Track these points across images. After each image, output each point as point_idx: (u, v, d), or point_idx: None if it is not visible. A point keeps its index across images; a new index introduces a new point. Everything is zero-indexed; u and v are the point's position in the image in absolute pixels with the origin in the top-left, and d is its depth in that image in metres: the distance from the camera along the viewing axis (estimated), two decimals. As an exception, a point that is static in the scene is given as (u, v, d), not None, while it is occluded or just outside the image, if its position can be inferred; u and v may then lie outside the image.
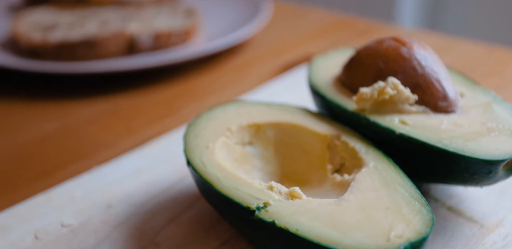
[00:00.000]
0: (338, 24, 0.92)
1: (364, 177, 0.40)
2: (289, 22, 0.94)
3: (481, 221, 0.44)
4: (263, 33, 0.89)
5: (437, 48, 0.80)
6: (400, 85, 0.44)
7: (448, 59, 0.77)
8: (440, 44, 0.82)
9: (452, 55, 0.79)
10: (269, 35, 0.89)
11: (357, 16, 0.95)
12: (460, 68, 0.74)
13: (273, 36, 0.88)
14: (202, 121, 0.47)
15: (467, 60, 0.77)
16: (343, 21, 0.93)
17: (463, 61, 0.77)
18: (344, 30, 0.89)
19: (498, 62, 0.76)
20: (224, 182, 0.40)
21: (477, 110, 0.45)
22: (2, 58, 0.75)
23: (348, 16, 0.95)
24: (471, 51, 0.80)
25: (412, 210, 0.37)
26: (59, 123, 0.66)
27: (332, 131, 0.46)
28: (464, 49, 0.80)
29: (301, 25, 0.92)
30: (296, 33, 0.89)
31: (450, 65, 0.75)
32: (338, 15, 0.95)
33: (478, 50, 0.79)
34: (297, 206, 0.38)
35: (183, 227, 0.45)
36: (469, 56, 0.78)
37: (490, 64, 0.75)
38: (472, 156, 0.40)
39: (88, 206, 0.47)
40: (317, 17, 0.95)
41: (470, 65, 0.76)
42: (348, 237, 0.35)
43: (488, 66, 0.75)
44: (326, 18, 0.95)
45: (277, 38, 0.88)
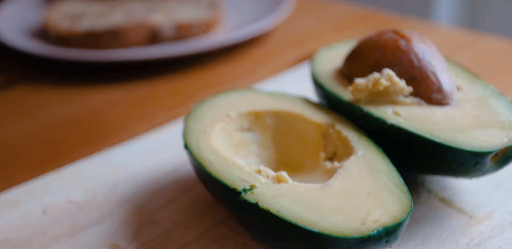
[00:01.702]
0: (359, 18, 0.92)
1: (352, 165, 0.42)
2: (310, 14, 0.95)
3: (471, 213, 0.45)
4: (284, 25, 0.90)
5: (459, 43, 0.80)
6: (395, 76, 0.45)
7: (470, 54, 0.77)
8: (462, 39, 0.82)
9: (474, 50, 0.79)
10: (290, 27, 0.90)
11: (384, 10, 0.95)
12: (481, 62, 0.74)
13: (294, 28, 0.90)
14: (204, 106, 0.49)
15: (489, 55, 0.77)
16: (365, 15, 0.93)
17: (485, 56, 0.77)
18: (365, 24, 0.90)
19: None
20: (216, 165, 0.42)
21: (472, 103, 0.45)
22: (32, 45, 0.78)
23: (370, 10, 0.95)
24: (494, 46, 0.79)
25: (392, 197, 0.38)
26: (78, 107, 0.69)
27: (328, 120, 0.47)
28: (487, 44, 0.80)
29: (323, 18, 0.93)
30: (317, 26, 0.90)
31: (471, 60, 0.75)
32: (360, 8, 0.96)
33: (501, 45, 0.79)
34: (282, 189, 0.40)
35: (181, 208, 0.47)
36: (491, 51, 0.78)
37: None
38: (459, 147, 0.41)
39: (95, 184, 0.50)
40: (339, 10, 0.96)
41: (492, 60, 0.76)
42: (325, 220, 0.36)
43: (507, 62, 0.75)
44: (348, 11, 0.95)
45: (297, 30, 0.89)
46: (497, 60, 0.76)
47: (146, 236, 0.44)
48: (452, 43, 0.82)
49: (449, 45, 0.81)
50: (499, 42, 0.80)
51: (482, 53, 0.78)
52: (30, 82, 0.76)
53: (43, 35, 0.83)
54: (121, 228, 0.45)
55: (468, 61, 0.76)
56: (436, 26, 0.87)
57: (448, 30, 0.86)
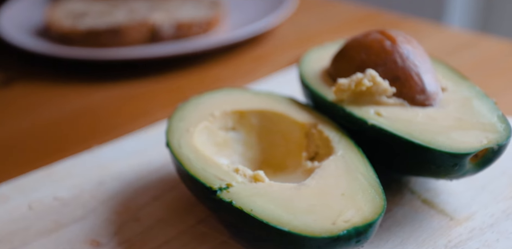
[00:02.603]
0: (363, 17, 0.92)
1: (330, 165, 0.42)
2: (312, 14, 0.95)
3: (452, 214, 0.45)
4: (286, 25, 0.90)
5: (461, 43, 0.80)
6: (378, 77, 0.45)
7: (472, 54, 0.77)
8: (465, 40, 0.81)
9: (476, 50, 0.78)
10: (292, 26, 0.90)
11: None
12: (483, 63, 0.74)
13: (295, 27, 0.90)
14: (189, 106, 0.49)
15: (491, 56, 0.76)
16: (367, 15, 0.93)
17: (487, 56, 0.76)
18: (367, 24, 0.90)
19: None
20: (194, 163, 0.42)
21: (456, 105, 0.45)
22: (33, 42, 0.80)
23: (373, 10, 0.95)
24: (497, 47, 0.79)
25: (366, 198, 0.38)
26: (76, 105, 0.70)
27: (311, 120, 0.47)
28: (490, 45, 0.79)
29: (325, 17, 0.93)
30: (319, 25, 0.90)
31: (473, 61, 0.75)
32: (362, 8, 0.96)
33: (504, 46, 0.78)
34: (258, 188, 0.40)
35: (165, 205, 0.48)
36: (494, 52, 0.77)
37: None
38: (438, 148, 0.41)
39: (82, 181, 0.51)
40: (341, 10, 0.96)
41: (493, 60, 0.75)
42: (297, 219, 0.37)
43: (508, 63, 0.74)
44: (350, 11, 0.95)
45: (299, 29, 0.89)
46: (498, 61, 0.75)
47: (128, 233, 0.45)
48: (454, 43, 0.81)
49: (451, 46, 0.80)
50: (501, 43, 0.80)
51: (484, 54, 0.77)
52: (30, 79, 0.77)
53: (45, 34, 0.84)
54: (104, 225, 0.46)
55: (469, 62, 0.75)
56: (439, 26, 0.87)
57: (450, 31, 0.85)
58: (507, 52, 0.77)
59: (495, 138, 0.41)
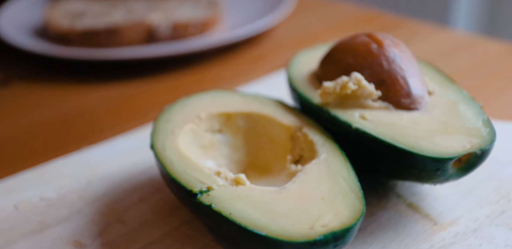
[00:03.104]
0: (362, 18, 0.92)
1: (312, 168, 0.42)
2: (312, 14, 0.94)
3: (436, 219, 0.45)
4: (284, 25, 0.90)
5: (459, 45, 0.79)
6: (363, 80, 0.45)
7: (469, 56, 0.76)
8: (463, 41, 0.81)
9: (474, 52, 0.78)
10: (290, 27, 0.90)
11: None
12: (480, 64, 0.73)
13: (294, 28, 0.90)
14: (176, 107, 0.49)
15: (489, 57, 0.76)
16: (368, 15, 0.93)
17: (484, 58, 0.76)
18: (368, 25, 0.89)
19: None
20: (177, 165, 0.42)
21: (441, 109, 0.45)
22: (30, 42, 0.80)
23: (373, 11, 0.94)
24: (494, 48, 0.78)
25: (346, 202, 0.38)
26: (73, 105, 0.70)
27: (297, 123, 0.47)
28: (487, 46, 0.79)
29: (325, 18, 0.93)
30: (318, 26, 0.90)
31: (470, 62, 0.74)
32: (362, 9, 0.95)
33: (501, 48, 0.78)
34: (238, 192, 0.40)
35: (150, 207, 0.48)
36: (491, 53, 0.77)
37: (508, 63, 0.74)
38: (419, 153, 0.41)
39: (69, 182, 0.51)
40: (342, 10, 0.95)
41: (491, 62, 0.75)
42: (275, 223, 0.37)
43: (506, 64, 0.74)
44: (351, 11, 0.95)
45: (297, 30, 0.89)
46: (497, 62, 0.75)
47: (112, 235, 0.45)
48: (453, 45, 0.81)
49: (450, 47, 0.80)
50: (501, 44, 0.79)
51: (483, 55, 0.77)
52: (28, 79, 0.77)
53: (44, 33, 0.85)
54: (88, 226, 0.46)
55: (468, 63, 0.75)
56: (438, 27, 0.86)
57: (450, 32, 0.85)
58: (506, 54, 0.77)
59: (478, 142, 0.41)
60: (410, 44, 0.81)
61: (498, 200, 0.46)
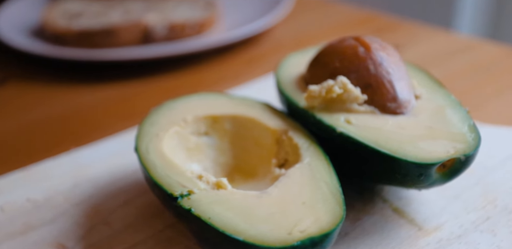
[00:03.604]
0: (360, 20, 0.91)
1: (295, 172, 0.42)
2: (310, 15, 0.94)
3: (421, 224, 0.44)
4: (283, 26, 0.90)
5: (457, 47, 0.79)
6: (349, 84, 0.45)
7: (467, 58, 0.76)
8: (460, 44, 0.80)
9: (472, 54, 0.77)
10: (289, 28, 0.90)
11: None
12: (478, 67, 0.73)
13: (292, 29, 0.89)
14: (162, 110, 0.49)
15: (486, 60, 0.75)
16: (366, 17, 0.92)
17: (482, 60, 0.75)
18: (365, 26, 0.89)
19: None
20: (159, 169, 0.42)
21: (428, 113, 0.45)
22: (27, 43, 0.80)
23: (371, 12, 0.94)
24: (492, 51, 0.77)
25: (326, 207, 0.38)
26: (68, 105, 0.70)
27: (282, 127, 0.47)
28: (485, 49, 0.78)
29: (323, 19, 0.92)
30: (317, 27, 0.90)
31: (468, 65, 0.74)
32: (361, 10, 0.95)
33: (499, 51, 0.77)
34: (219, 196, 0.40)
35: (135, 210, 0.48)
36: (489, 56, 0.76)
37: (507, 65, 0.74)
38: (402, 158, 0.40)
39: (57, 183, 0.51)
40: (339, 11, 0.95)
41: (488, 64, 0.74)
42: (253, 228, 0.36)
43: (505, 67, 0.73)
44: (349, 12, 0.94)
45: (296, 31, 0.89)
46: (495, 65, 0.74)
47: (95, 237, 0.45)
48: (451, 47, 0.80)
49: (448, 49, 0.79)
50: (498, 47, 0.78)
51: (480, 58, 0.76)
52: (24, 79, 0.78)
53: (41, 34, 0.85)
54: (72, 228, 0.46)
55: (465, 66, 0.74)
56: (436, 30, 0.86)
57: (448, 34, 0.84)
58: (505, 56, 0.76)
59: (462, 148, 0.41)
60: (408, 46, 0.81)
61: (484, 206, 0.46)
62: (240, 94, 0.65)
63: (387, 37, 0.85)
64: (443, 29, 0.89)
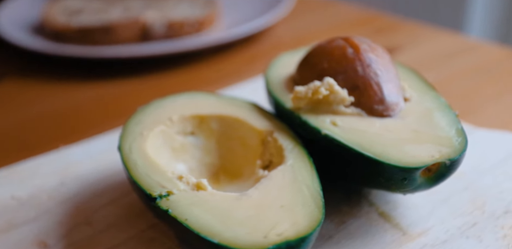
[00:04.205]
0: (361, 19, 0.91)
1: (277, 175, 0.41)
2: (311, 14, 0.93)
3: (406, 229, 0.44)
4: (283, 25, 0.90)
5: (458, 48, 0.78)
6: (336, 85, 0.44)
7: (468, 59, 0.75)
8: (461, 45, 0.79)
9: (473, 56, 0.76)
10: (289, 27, 0.89)
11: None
12: (479, 68, 0.72)
13: (292, 28, 0.89)
14: (149, 109, 0.49)
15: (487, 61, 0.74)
16: (367, 17, 0.91)
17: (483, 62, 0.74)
18: (366, 26, 0.88)
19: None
20: (140, 168, 0.42)
21: (415, 116, 0.44)
22: (26, 39, 0.80)
23: (375, 12, 0.93)
24: (494, 53, 0.76)
25: (305, 211, 0.37)
26: (66, 102, 0.70)
27: (268, 128, 0.46)
28: (487, 50, 0.77)
29: (323, 18, 0.92)
30: (318, 26, 0.89)
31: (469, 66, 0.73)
32: (363, 9, 0.94)
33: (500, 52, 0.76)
34: (199, 197, 0.39)
35: (119, 209, 0.47)
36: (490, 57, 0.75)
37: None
38: (385, 161, 0.39)
39: (43, 181, 0.51)
40: (341, 11, 0.94)
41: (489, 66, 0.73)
42: (229, 231, 0.36)
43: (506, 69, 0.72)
44: (351, 12, 0.94)
45: (296, 30, 0.88)
46: (495, 67, 0.73)
47: (77, 236, 0.45)
48: (452, 48, 0.79)
49: (448, 50, 0.78)
50: (501, 48, 0.77)
51: (480, 60, 0.75)
52: (22, 76, 0.78)
53: (41, 30, 0.85)
54: (55, 227, 0.46)
55: (465, 67, 0.73)
56: (437, 30, 0.85)
57: (449, 35, 0.83)
58: (506, 59, 0.75)
59: (448, 152, 0.40)
60: (409, 47, 0.80)
61: (472, 211, 0.45)
62: (234, 94, 0.64)
63: (388, 37, 0.84)
64: (446, 29, 0.88)
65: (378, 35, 0.84)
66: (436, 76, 0.71)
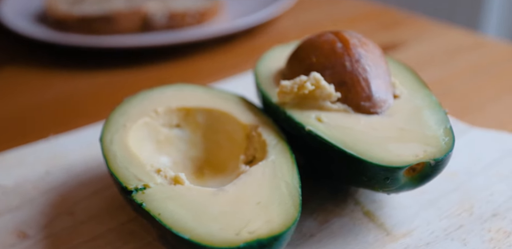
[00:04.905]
0: (368, 13, 0.89)
1: (257, 170, 0.40)
2: (317, 7, 0.92)
3: (390, 229, 0.43)
4: (287, 18, 0.88)
5: (465, 45, 0.76)
6: (322, 81, 0.43)
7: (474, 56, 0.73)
8: (469, 41, 0.77)
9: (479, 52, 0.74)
10: (293, 20, 0.88)
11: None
12: (485, 65, 0.70)
13: (297, 21, 0.88)
14: (135, 100, 0.48)
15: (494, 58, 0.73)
16: (374, 11, 0.90)
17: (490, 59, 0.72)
18: (372, 20, 0.86)
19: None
20: (119, 161, 0.41)
21: (404, 114, 0.43)
22: (28, 27, 0.80)
23: (384, 6, 0.91)
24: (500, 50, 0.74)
25: (281, 208, 0.36)
26: (62, 90, 0.70)
27: (254, 122, 0.45)
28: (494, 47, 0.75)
29: (329, 11, 0.90)
30: (322, 19, 0.88)
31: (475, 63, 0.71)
32: (370, 3, 0.92)
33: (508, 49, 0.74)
34: (175, 191, 0.39)
35: (102, 201, 0.47)
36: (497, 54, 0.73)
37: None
38: (368, 160, 0.38)
39: (29, 170, 0.51)
40: (347, 4, 0.92)
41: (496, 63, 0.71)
42: (202, 227, 0.35)
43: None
44: (357, 5, 0.92)
45: (300, 23, 0.87)
46: (501, 63, 0.71)
47: (57, 227, 0.44)
48: (458, 44, 0.77)
49: (454, 46, 0.76)
50: (507, 46, 0.75)
51: (486, 57, 0.73)
52: (21, 64, 0.78)
53: (44, 19, 0.85)
54: (36, 217, 0.45)
55: (471, 64, 0.71)
56: (444, 26, 0.83)
57: (456, 31, 0.81)
58: (510, 56, 0.73)
59: (433, 152, 0.39)
60: (414, 42, 0.78)
61: (460, 214, 0.44)
62: (230, 86, 0.63)
63: (394, 32, 0.82)
64: (456, 26, 0.86)
65: (383, 30, 0.83)
66: (438, 73, 0.69)
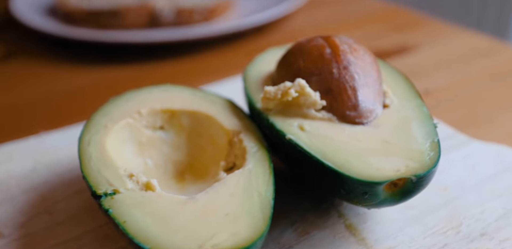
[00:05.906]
0: (382, 14, 0.87)
1: (232, 179, 0.39)
2: (331, 6, 0.90)
3: (371, 244, 0.41)
4: (302, 15, 0.87)
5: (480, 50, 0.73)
6: (307, 87, 0.41)
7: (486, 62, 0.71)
8: (483, 46, 0.74)
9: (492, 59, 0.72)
10: (305, 19, 0.86)
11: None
12: (501, 71, 0.68)
13: (308, 20, 0.86)
14: (120, 100, 0.47)
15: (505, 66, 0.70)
16: (389, 11, 0.87)
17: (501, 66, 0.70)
18: (386, 21, 0.84)
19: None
20: (93, 163, 0.40)
21: (391, 125, 0.41)
22: (36, 20, 0.80)
23: (396, 7, 0.89)
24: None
25: (249, 221, 0.35)
26: (65, 84, 0.70)
27: (237, 127, 0.44)
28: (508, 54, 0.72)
29: (343, 10, 0.88)
30: (335, 19, 0.86)
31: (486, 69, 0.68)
32: (386, 4, 0.90)
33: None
34: (144, 198, 0.37)
35: (82, 201, 0.46)
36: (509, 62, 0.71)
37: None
38: (345, 173, 0.37)
39: (15, 167, 0.50)
40: (362, 3, 0.90)
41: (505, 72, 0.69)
42: (165, 237, 0.34)
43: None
44: (372, 5, 0.90)
45: (312, 22, 0.85)
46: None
47: (34, 227, 0.44)
48: (471, 49, 0.74)
49: (467, 51, 0.74)
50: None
51: (499, 63, 0.71)
52: (29, 56, 0.78)
53: (54, 12, 0.85)
54: (15, 216, 0.45)
55: (482, 71, 0.69)
56: (459, 29, 0.80)
57: (471, 35, 0.78)
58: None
59: (415, 168, 0.37)
60: (428, 46, 0.76)
61: (446, 231, 0.42)
62: (227, 87, 0.62)
63: (407, 34, 0.80)
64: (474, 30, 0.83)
65: (396, 31, 0.80)
66: (448, 79, 0.67)
